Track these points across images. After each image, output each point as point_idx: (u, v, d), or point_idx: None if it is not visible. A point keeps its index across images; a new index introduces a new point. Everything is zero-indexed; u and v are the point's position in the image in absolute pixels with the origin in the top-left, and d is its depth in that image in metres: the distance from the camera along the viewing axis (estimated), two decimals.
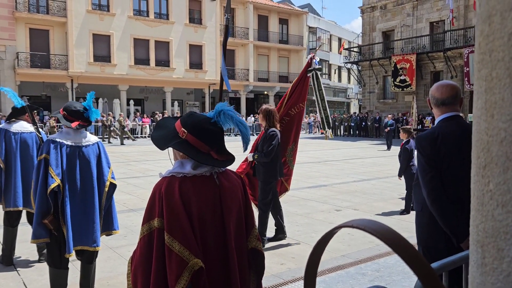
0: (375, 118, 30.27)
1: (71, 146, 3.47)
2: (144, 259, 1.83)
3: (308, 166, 13.79)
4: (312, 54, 5.61)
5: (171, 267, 1.76)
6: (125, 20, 29.62)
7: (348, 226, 0.61)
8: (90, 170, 3.53)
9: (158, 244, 1.80)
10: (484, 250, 0.67)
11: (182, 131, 1.90)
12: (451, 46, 26.41)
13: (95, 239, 3.55)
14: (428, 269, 0.62)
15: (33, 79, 26.95)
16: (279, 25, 38.98)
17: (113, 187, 3.70)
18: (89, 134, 3.67)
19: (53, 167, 3.34)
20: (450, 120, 2.60)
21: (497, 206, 0.64)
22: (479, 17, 0.68)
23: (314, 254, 0.66)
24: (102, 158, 3.63)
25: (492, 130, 0.65)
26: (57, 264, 3.53)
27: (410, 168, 7.36)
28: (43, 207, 3.37)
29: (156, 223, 1.82)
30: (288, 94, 5.63)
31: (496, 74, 0.64)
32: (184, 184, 1.85)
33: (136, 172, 12.22)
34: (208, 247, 1.87)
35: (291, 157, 5.62)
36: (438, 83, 2.72)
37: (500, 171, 0.63)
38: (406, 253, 0.58)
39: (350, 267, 4.73)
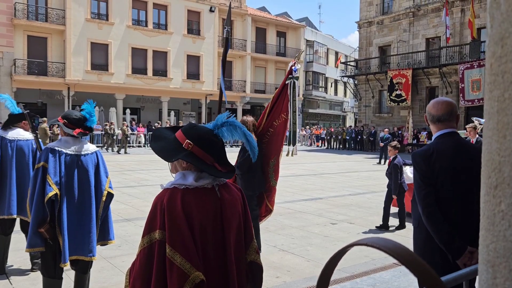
0: (371, 132, 30.41)
1: (70, 155, 3.45)
2: (143, 271, 1.81)
3: (303, 179, 13.79)
4: (294, 61, 5.21)
5: (172, 280, 1.74)
6: (123, 29, 29.74)
7: (362, 244, 0.61)
8: (88, 179, 3.50)
9: (159, 257, 1.79)
10: (495, 270, 0.67)
11: (188, 143, 1.90)
12: (446, 62, 26.68)
13: (91, 249, 3.51)
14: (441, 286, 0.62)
15: (29, 86, 26.90)
16: (276, 37, 39.29)
17: (110, 196, 3.67)
18: (88, 143, 3.66)
19: (51, 176, 3.32)
20: (446, 136, 2.62)
21: (509, 227, 0.64)
22: (490, 39, 0.69)
23: (325, 272, 0.65)
24: (100, 167, 3.61)
25: (504, 151, 0.65)
26: (51, 273, 3.48)
27: (401, 186, 7.26)
28: (39, 216, 3.34)
29: (157, 235, 1.80)
30: (270, 104, 5.25)
31: (508, 95, 0.64)
32: (187, 196, 1.85)
33: (131, 182, 12.17)
34: (209, 259, 1.86)
35: (272, 172, 5.15)
36: (434, 100, 2.74)
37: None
38: (422, 272, 0.58)
39: (345, 281, 4.70)
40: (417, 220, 2.67)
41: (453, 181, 2.52)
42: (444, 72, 26.87)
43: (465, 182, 2.53)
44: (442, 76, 27.02)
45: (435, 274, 0.60)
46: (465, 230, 2.50)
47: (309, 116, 44.66)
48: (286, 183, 12.50)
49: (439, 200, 2.52)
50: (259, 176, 5.13)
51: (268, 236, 6.59)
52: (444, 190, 2.52)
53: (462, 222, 2.52)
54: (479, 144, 8.72)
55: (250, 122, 5.15)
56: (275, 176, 5.14)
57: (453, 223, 2.49)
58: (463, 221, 2.52)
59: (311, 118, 44.98)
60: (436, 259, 2.54)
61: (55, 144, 3.50)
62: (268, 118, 5.15)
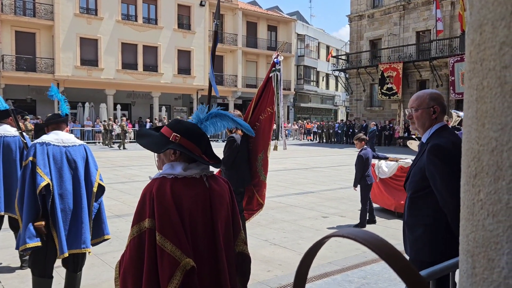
0: (362, 126, 30.51)
1: (58, 146, 3.41)
2: (134, 261, 1.82)
3: (295, 173, 13.81)
4: (276, 53, 5.05)
5: (163, 267, 1.75)
6: (113, 24, 29.45)
7: (339, 235, 0.60)
8: (77, 170, 3.46)
9: (150, 245, 1.80)
10: (474, 260, 0.66)
11: (174, 135, 1.94)
12: (437, 56, 26.82)
13: (84, 240, 3.44)
14: (419, 279, 0.61)
15: (18, 82, 26.59)
16: (267, 32, 39.17)
17: (101, 189, 3.63)
18: (73, 137, 3.61)
19: (41, 167, 3.27)
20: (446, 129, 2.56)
21: (487, 216, 0.63)
22: (470, 26, 0.68)
23: (303, 264, 0.64)
24: (89, 160, 3.57)
25: (483, 139, 0.64)
26: (42, 272, 3.42)
27: (365, 178, 6.90)
28: (31, 210, 3.27)
29: (147, 224, 1.82)
30: (256, 98, 5.12)
31: (487, 83, 0.64)
32: (176, 185, 1.87)
33: (122, 178, 12.10)
34: (198, 247, 1.88)
35: (261, 167, 5.05)
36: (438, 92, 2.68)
37: (491, 181, 0.63)
38: (397, 262, 0.57)
39: (337, 274, 4.72)
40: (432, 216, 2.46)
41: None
42: (435, 65, 27.00)
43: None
44: (433, 69, 27.16)
45: (412, 266, 0.59)
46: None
47: (301, 110, 44.68)
48: (277, 177, 12.51)
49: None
50: (243, 171, 5.04)
51: (260, 230, 6.59)
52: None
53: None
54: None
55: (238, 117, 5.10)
56: (264, 171, 5.06)
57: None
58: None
59: (303, 112, 45.01)
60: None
61: (41, 138, 3.46)
62: (254, 113, 5.06)
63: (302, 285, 0.66)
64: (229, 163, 4.94)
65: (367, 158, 6.87)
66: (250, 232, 6.35)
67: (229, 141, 4.98)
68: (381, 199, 8.02)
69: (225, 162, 4.95)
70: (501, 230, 0.61)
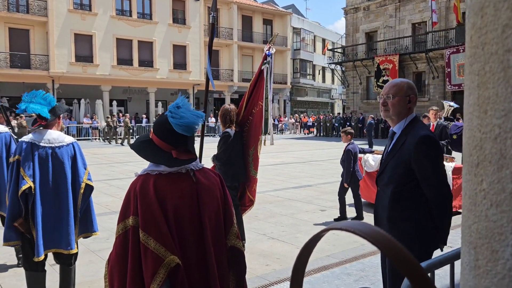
0: (359, 119, 30.52)
1: (43, 147, 3.37)
2: (120, 258, 1.82)
3: (292, 167, 13.80)
4: (268, 46, 4.88)
5: (147, 265, 1.74)
6: (107, 20, 29.25)
7: (337, 228, 0.58)
8: (63, 171, 3.42)
9: (134, 242, 1.79)
10: (477, 252, 0.64)
11: (151, 131, 1.96)
12: (432, 47, 26.79)
13: (69, 241, 3.44)
14: (420, 271, 0.59)
15: (13, 80, 26.41)
16: (263, 25, 39.01)
17: (89, 189, 3.59)
18: (63, 135, 3.57)
19: (25, 169, 3.26)
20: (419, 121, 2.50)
21: (490, 206, 0.61)
22: (470, 10, 0.66)
23: (301, 257, 0.62)
24: (77, 159, 3.53)
25: (485, 127, 0.62)
26: (33, 267, 3.43)
27: (354, 174, 6.68)
28: (14, 210, 3.28)
29: (131, 221, 1.81)
30: (248, 92, 5.01)
31: (489, 68, 0.61)
32: (159, 181, 1.85)
33: (119, 174, 12.06)
34: (186, 243, 1.86)
35: (252, 162, 4.95)
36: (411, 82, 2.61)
37: (494, 169, 0.60)
38: (396, 254, 0.55)
39: (335, 267, 4.72)
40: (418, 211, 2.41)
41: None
42: (431, 57, 26.99)
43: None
44: (429, 61, 27.15)
45: (412, 258, 0.57)
46: None
47: (297, 104, 44.62)
48: (275, 171, 12.50)
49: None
50: (238, 167, 4.96)
51: (258, 224, 6.58)
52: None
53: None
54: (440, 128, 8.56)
55: (233, 111, 5.02)
56: (254, 166, 4.96)
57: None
58: None
59: (299, 106, 44.96)
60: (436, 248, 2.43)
61: (29, 137, 3.42)
62: (247, 107, 4.98)
63: (300, 278, 0.64)
64: (224, 158, 4.88)
65: (355, 152, 6.69)
66: (248, 226, 6.34)
67: (223, 136, 4.92)
68: (367, 193, 7.80)
69: (219, 158, 4.90)
70: (505, 221, 0.59)
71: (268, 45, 4.92)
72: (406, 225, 2.40)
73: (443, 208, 2.33)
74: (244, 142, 5.00)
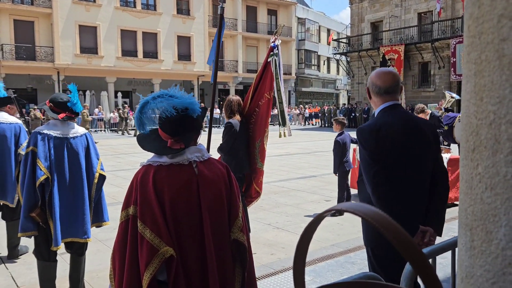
0: (364, 109, 30.41)
1: (58, 138, 3.42)
2: (121, 244, 1.88)
3: (297, 157, 13.83)
4: (274, 38, 4.82)
5: (142, 254, 1.79)
6: (111, 11, 29.21)
7: (337, 209, 0.61)
8: (78, 162, 3.49)
9: (132, 231, 1.84)
10: (473, 233, 0.67)
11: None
12: (438, 37, 26.56)
13: (85, 230, 3.52)
14: (420, 255, 0.62)
15: (18, 72, 26.51)
16: (267, 16, 38.79)
17: (102, 178, 3.67)
18: (76, 126, 3.62)
19: (42, 160, 3.30)
20: (392, 109, 2.40)
21: (485, 189, 0.64)
22: (468, 0, 0.68)
23: (303, 238, 0.65)
24: (90, 150, 3.59)
25: (481, 113, 0.64)
26: (45, 256, 3.50)
27: (343, 165, 6.61)
28: (31, 200, 3.34)
29: (131, 211, 1.86)
30: (254, 84, 4.98)
31: (485, 56, 0.63)
32: (159, 172, 1.88)
33: (125, 165, 12.14)
34: (183, 235, 1.87)
35: (258, 154, 4.93)
36: (379, 70, 2.52)
37: (489, 154, 0.63)
38: (398, 237, 0.57)
39: (339, 256, 4.77)
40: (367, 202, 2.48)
41: (405, 157, 2.33)
42: (437, 47, 26.77)
43: (417, 158, 2.34)
44: (435, 51, 26.93)
45: (413, 242, 0.60)
46: (418, 209, 2.36)
47: (302, 95, 44.50)
48: (280, 162, 12.53)
49: (390, 178, 2.30)
50: (241, 158, 4.95)
51: (263, 214, 6.64)
52: (396, 167, 2.31)
53: (414, 201, 2.36)
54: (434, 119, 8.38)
55: (235, 101, 5.01)
56: (261, 158, 4.94)
57: (405, 202, 2.31)
58: (415, 199, 2.36)
59: (304, 96, 44.84)
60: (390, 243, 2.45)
61: (43, 127, 3.47)
62: (253, 99, 4.96)
63: (303, 259, 0.67)
64: (227, 149, 4.89)
65: (344, 143, 6.57)
66: (253, 216, 6.40)
67: (226, 127, 4.92)
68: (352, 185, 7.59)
69: (222, 148, 4.91)
70: (499, 203, 0.62)
71: (273, 36, 4.90)
72: None
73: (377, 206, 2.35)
74: (251, 134, 4.99)
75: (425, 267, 0.61)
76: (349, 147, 6.81)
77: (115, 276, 1.89)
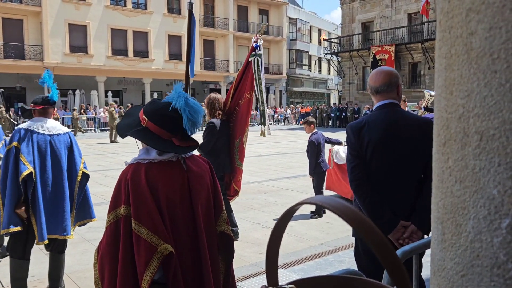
0: (355, 109, 30.55)
1: (42, 134, 3.42)
2: (111, 247, 1.82)
3: (288, 157, 13.85)
4: (256, 37, 4.80)
5: (139, 254, 1.75)
6: (101, 10, 29.01)
7: (307, 202, 0.61)
8: (61, 159, 3.49)
9: (125, 232, 1.80)
10: (444, 226, 0.67)
11: (143, 118, 1.92)
12: (428, 37, 26.76)
13: (65, 227, 3.51)
14: (386, 245, 0.62)
15: (6, 70, 26.22)
16: (259, 15, 38.79)
17: (86, 177, 3.67)
18: (59, 124, 3.63)
19: (25, 155, 3.30)
20: (383, 108, 2.46)
21: (455, 182, 0.64)
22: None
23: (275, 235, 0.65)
24: (74, 148, 3.60)
25: (451, 107, 0.65)
26: (20, 254, 3.47)
27: (319, 165, 6.42)
28: (14, 196, 3.32)
29: (122, 211, 1.81)
30: (235, 83, 4.95)
31: (455, 50, 0.64)
32: (150, 170, 1.85)
33: (114, 164, 12.06)
34: (178, 231, 1.87)
35: (237, 153, 4.91)
36: (374, 71, 2.58)
37: (458, 147, 0.64)
38: (366, 230, 0.58)
39: (328, 255, 4.78)
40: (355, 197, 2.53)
41: (385, 154, 2.38)
42: (427, 47, 26.97)
43: (399, 154, 2.37)
44: (425, 51, 27.14)
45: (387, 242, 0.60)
46: (399, 204, 2.39)
47: (293, 95, 44.57)
48: (270, 161, 12.54)
49: (370, 173, 2.39)
50: (223, 158, 4.93)
51: (252, 213, 6.64)
52: (374, 163, 2.39)
53: (396, 196, 2.39)
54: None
55: (221, 100, 4.98)
56: (240, 157, 4.92)
57: (386, 197, 2.37)
58: (397, 195, 2.39)
59: (296, 96, 44.92)
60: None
61: (27, 124, 3.46)
62: (233, 98, 4.94)
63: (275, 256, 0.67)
64: (207, 148, 4.85)
65: (319, 143, 6.40)
66: (243, 215, 6.40)
67: (209, 127, 4.89)
68: (338, 186, 7.55)
69: (203, 147, 4.86)
70: (467, 196, 0.62)
71: (255, 36, 4.84)
72: None
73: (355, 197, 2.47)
74: (231, 133, 4.98)
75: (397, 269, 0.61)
76: (324, 146, 6.65)
77: (104, 281, 1.83)
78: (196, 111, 1.88)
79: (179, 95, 1.88)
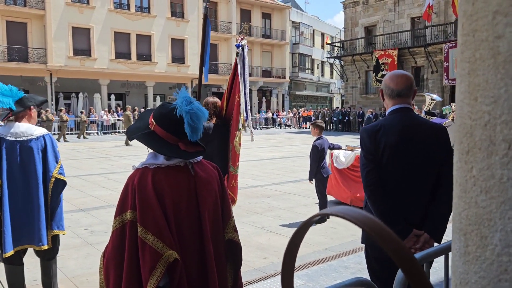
0: (358, 113, 30.51)
1: (11, 141, 3.27)
2: (116, 252, 1.80)
3: (291, 161, 13.81)
4: (240, 37, 4.63)
5: (144, 259, 1.73)
6: (105, 13, 29.10)
7: (327, 213, 0.58)
8: (33, 166, 3.31)
9: (131, 237, 1.77)
10: (467, 238, 0.64)
11: (152, 122, 1.90)
12: (431, 42, 26.74)
13: (40, 237, 3.36)
14: (413, 262, 0.59)
15: (10, 73, 26.28)
16: (262, 19, 38.86)
17: (61, 183, 3.46)
18: (33, 127, 3.43)
19: None
20: (398, 112, 2.41)
21: (480, 192, 0.62)
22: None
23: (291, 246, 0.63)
24: (48, 152, 3.40)
25: (475, 114, 0.62)
26: (10, 260, 3.38)
27: (320, 171, 6.30)
28: None
29: (128, 216, 1.79)
30: (228, 87, 4.80)
31: (479, 55, 0.61)
32: (157, 175, 1.83)
33: (117, 168, 12.05)
34: (184, 237, 1.84)
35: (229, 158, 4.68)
36: (393, 73, 2.51)
37: (483, 156, 0.61)
38: (385, 239, 0.55)
39: (332, 260, 4.74)
40: (365, 200, 2.49)
41: (400, 158, 2.33)
42: (430, 52, 26.94)
43: (413, 158, 2.33)
44: (428, 56, 27.10)
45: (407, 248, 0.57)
46: (411, 209, 2.34)
47: (296, 98, 44.55)
48: (273, 165, 12.51)
49: (385, 178, 2.34)
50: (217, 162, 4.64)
51: (256, 218, 6.60)
52: (389, 168, 2.34)
53: (408, 201, 2.34)
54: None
55: (211, 103, 4.79)
56: (232, 162, 4.65)
57: (400, 204, 2.33)
58: (409, 199, 2.34)
59: (298, 100, 44.90)
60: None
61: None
62: (229, 101, 4.75)
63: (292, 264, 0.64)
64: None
65: (322, 148, 6.26)
66: (246, 220, 6.37)
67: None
68: (337, 191, 7.51)
69: None
70: (494, 207, 0.60)
71: (238, 36, 4.69)
72: None
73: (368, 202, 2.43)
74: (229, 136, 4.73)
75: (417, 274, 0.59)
76: (327, 152, 6.53)
77: (109, 286, 1.81)
78: (198, 116, 1.86)
79: (183, 99, 1.86)
